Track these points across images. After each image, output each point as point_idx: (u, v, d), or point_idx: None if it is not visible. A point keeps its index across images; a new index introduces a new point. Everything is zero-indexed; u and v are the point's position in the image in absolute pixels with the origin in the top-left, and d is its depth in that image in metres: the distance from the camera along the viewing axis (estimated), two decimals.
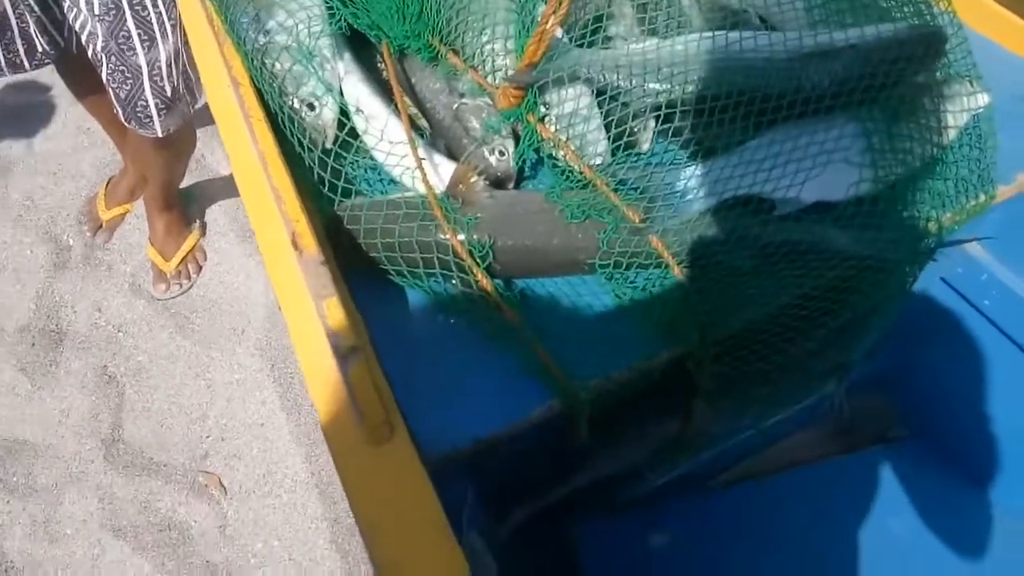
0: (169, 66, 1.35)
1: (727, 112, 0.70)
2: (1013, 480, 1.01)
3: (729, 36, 0.73)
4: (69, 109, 2.33)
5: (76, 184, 2.09)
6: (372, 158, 0.75)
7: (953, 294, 1.01)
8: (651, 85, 0.73)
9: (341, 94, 0.74)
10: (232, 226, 1.97)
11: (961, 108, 0.76)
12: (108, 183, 2.03)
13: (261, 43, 0.72)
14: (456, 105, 0.76)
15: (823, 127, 0.70)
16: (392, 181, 0.75)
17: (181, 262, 1.87)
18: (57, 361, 1.73)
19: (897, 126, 0.72)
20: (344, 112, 0.72)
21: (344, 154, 0.72)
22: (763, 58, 0.72)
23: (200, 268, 1.90)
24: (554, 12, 0.65)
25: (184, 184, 1.94)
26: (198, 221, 1.95)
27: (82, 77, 1.59)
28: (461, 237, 0.66)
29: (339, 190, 0.69)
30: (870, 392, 1.09)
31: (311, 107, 0.71)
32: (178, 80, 1.38)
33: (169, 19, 1.31)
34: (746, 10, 0.80)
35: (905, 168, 0.72)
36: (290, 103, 0.71)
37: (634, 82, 0.73)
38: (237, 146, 0.69)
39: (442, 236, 0.67)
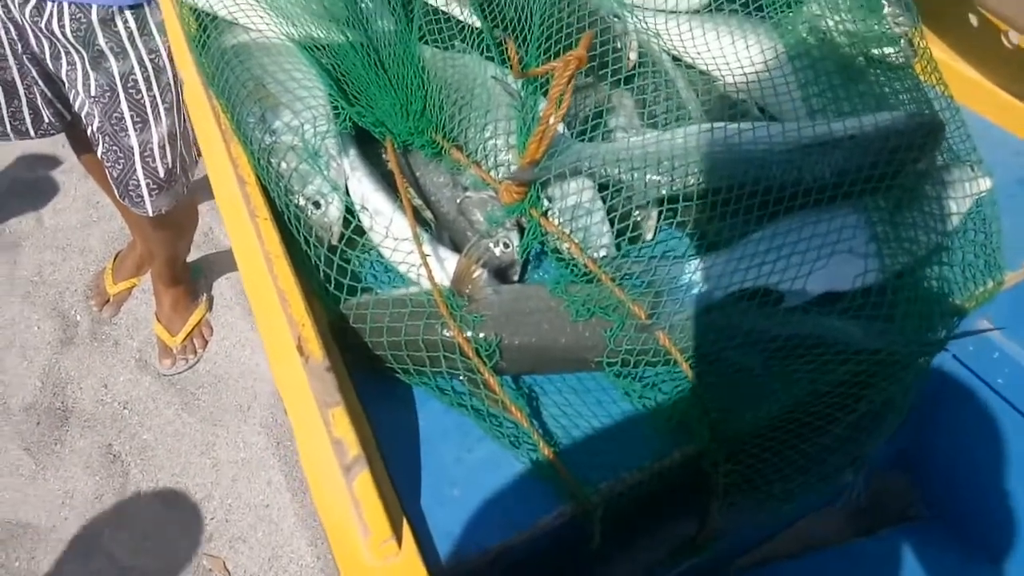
0: (162, 148, 1.38)
1: (729, 204, 0.71)
2: None
3: (729, 128, 0.74)
4: (79, 183, 2.37)
5: (84, 259, 2.11)
6: (378, 254, 0.75)
7: (966, 371, 1.00)
8: (652, 178, 0.74)
9: (347, 191, 0.74)
10: (239, 299, 1.98)
11: (964, 193, 0.76)
12: (116, 257, 2.05)
13: (268, 143, 0.73)
14: (460, 199, 0.77)
15: (827, 217, 0.70)
16: (398, 276, 0.75)
17: (187, 337, 1.87)
18: (62, 440, 1.71)
19: (901, 214, 0.73)
20: (349, 209, 0.73)
21: (350, 251, 0.72)
22: (763, 149, 0.73)
23: (206, 343, 1.90)
24: (554, 111, 0.66)
25: (191, 257, 1.96)
26: (204, 295, 1.96)
27: (90, 149, 1.62)
28: (468, 334, 0.66)
29: (345, 288, 0.69)
30: (887, 471, 1.06)
31: (317, 205, 0.72)
32: (172, 161, 1.41)
33: (163, 102, 1.34)
34: (744, 100, 0.81)
35: (911, 256, 0.71)
36: (296, 201, 0.72)
37: (636, 175, 0.74)
38: (243, 245, 0.70)
39: (448, 334, 0.66)
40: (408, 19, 0.87)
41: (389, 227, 0.72)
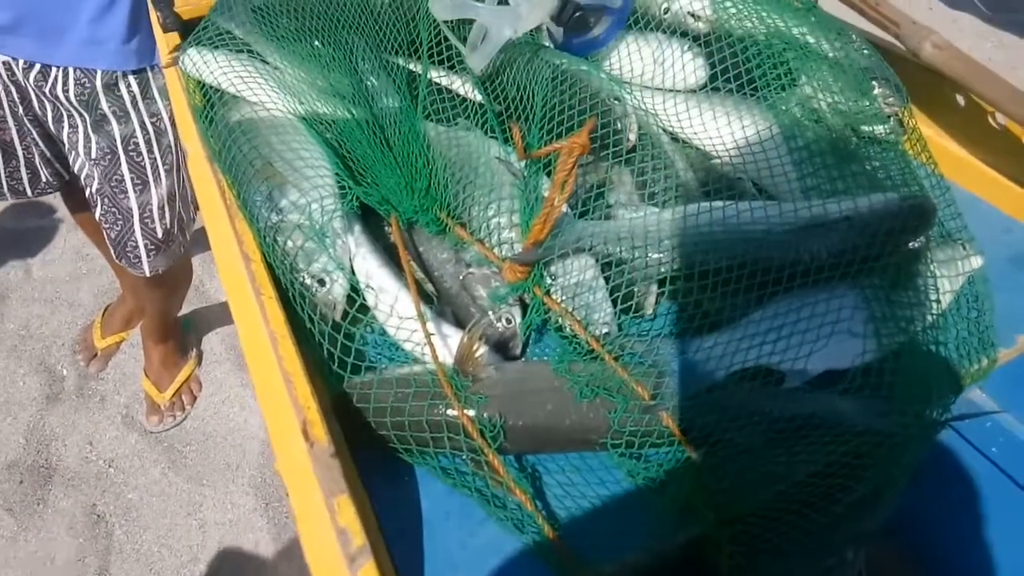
0: (161, 208, 1.38)
1: (729, 284, 0.72)
2: None
3: (727, 208, 0.75)
4: (69, 234, 2.36)
5: (73, 313, 2.09)
6: (382, 331, 0.75)
7: (960, 440, 1.00)
8: (653, 256, 0.75)
9: (352, 269, 0.75)
10: (228, 354, 1.97)
11: (956, 272, 0.77)
12: (105, 311, 2.04)
13: (274, 221, 0.74)
14: (463, 275, 0.77)
15: (824, 296, 0.71)
16: (402, 353, 0.75)
17: (175, 393, 1.85)
18: (45, 499, 1.68)
19: (896, 293, 0.74)
20: (354, 287, 0.73)
21: (354, 329, 0.73)
22: (761, 230, 0.74)
23: (195, 399, 1.88)
24: (558, 195, 0.67)
25: (181, 311, 1.95)
26: (194, 350, 1.95)
27: (85, 208, 1.62)
28: (471, 414, 0.66)
29: (349, 366, 0.69)
30: (883, 540, 1.06)
31: (322, 283, 0.73)
32: (171, 222, 1.41)
33: (164, 164, 1.35)
34: (740, 177, 0.83)
35: (907, 335, 0.73)
36: (301, 279, 0.72)
37: (636, 253, 0.75)
38: (248, 323, 0.70)
39: (452, 414, 0.66)
40: (412, 96, 0.89)
41: (393, 305, 0.73)
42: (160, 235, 1.42)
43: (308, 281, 0.72)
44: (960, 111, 0.89)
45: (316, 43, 0.88)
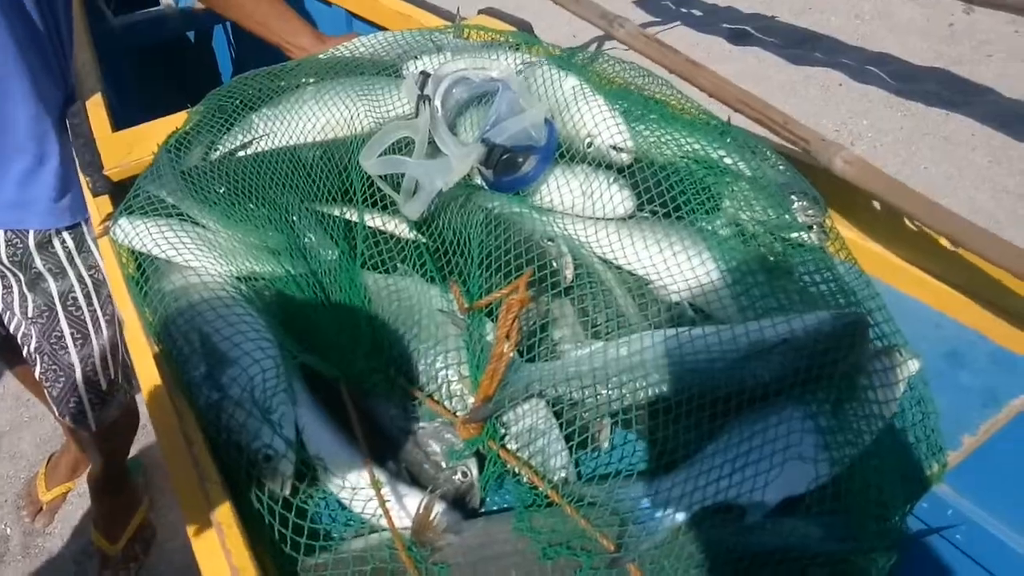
0: (104, 360, 1.35)
1: (680, 414, 0.73)
2: None
3: (668, 338, 0.77)
4: (7, 381, 2.27)
5: (15, 465, 2.00)
6: (336, 503, 0.73)
7: (924, 527, 1.01)
8: (602, 392, 0.75)
9: (299, 441, 0.73)
10: None
11: (896, 379, 0.79)
12: (48, 461, 1.95)
13: (215, 398, 0.72)
14: (415, 430, 0.76)
15: (774, 421, 0.72)
16: (359, 523, 0.73)
17: (128, 543, 1.76)
18: None
19: (841, 408, 0.75)
20: (303, 459, 0.72)
21: (306, 505, 0.71)
22: (704, 359, 0.76)
23: (149, 547, 1.79)
24: (503, 350, 0.68)
25: (131, 453, 1.88)
26: (145, 495, 1.87)
27: (23, 363, 1.57)
28: None
29: (302, 547, 0.67)
30: None
31: (268, 459, 0.71)
32: (115, 372, 1.38)
33: (104, 315, 1.32)
34: (678, 303, 0.85)
35: (857, 449, 0.74)
36: (246, 456, 0.70)
37: (586, 392, 0.75)
38: (193, 511, 0.67)
39: None
40: (351, 245, 0.90)
41: (345, 474, 0.71)
42: (104, 387, 1.38)
43: (253, 458, 0.70)
44: (878, 214, 0.93)
45: (249, 204, 0.89)
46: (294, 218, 0.90)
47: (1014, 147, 2.96)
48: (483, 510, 0.76)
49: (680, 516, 0.68)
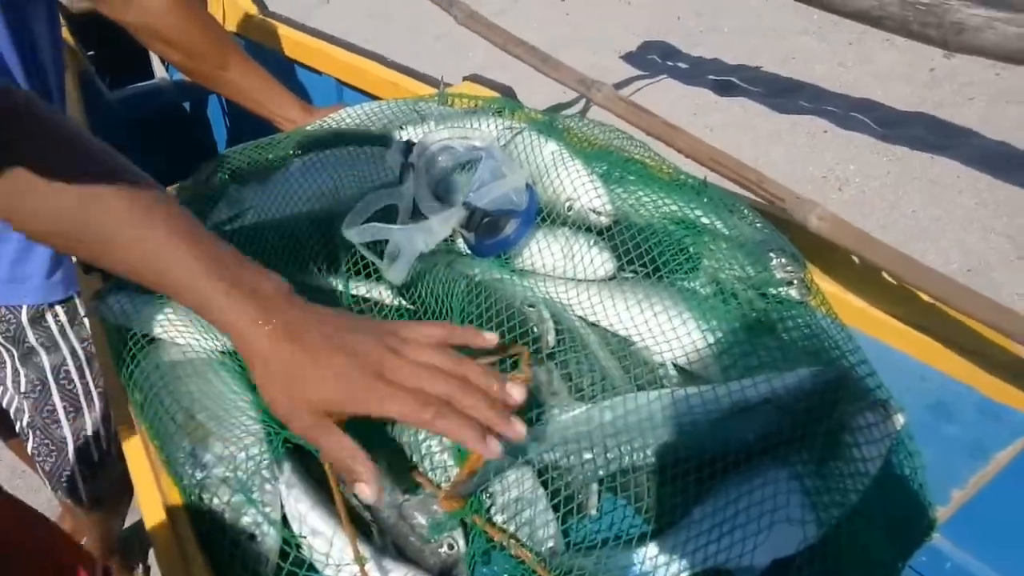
0: (96, 432, 1.35)
1: (666, 479, 0.73)
2: None
3: (652, 402, 0.77)
4: (3, 452, 2.26)
5: None
6: None
7: None
8: (587, 457, 0.76)
9: (284, 517, 0.73)
10: None
11: (882, 435, 0.79)
12: None
13: (199, 478, 0.72)
14: (400, 503, 0.76)
15: (759, 483, 0.72)
16: None
17: None
18: None
19: (827, 467, 0.75)
20: (287, 539, 0.71)
21: None
22: (688, 421, 0.76)
23: None
24: None
25: (126, 523, 1.85)
26: (140, 566, 1.84)
27: (14, 434, 1.57)
28: None
29: None
30: None
31: (252, 537, 0.70)
32: (107, 444, 1.38)
33: (96, 387, 1.33)
34: (661, 364, 0.85)
35: (844, 508, 0.73)
36: (231, 535, 0.70)
37: (571, 459, 0.75)
38: None
39: None
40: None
41: (329, 552, 0.70)
42: (97, 459, 1.37)
43: (237, 537, 0.70)
44: (858, 269, 0.94)
45: None
46: None
47: (1000, 188, 3.00)
48: None
49: None
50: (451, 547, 0.74)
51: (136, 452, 0.79)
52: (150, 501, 0.76)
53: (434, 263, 0.92)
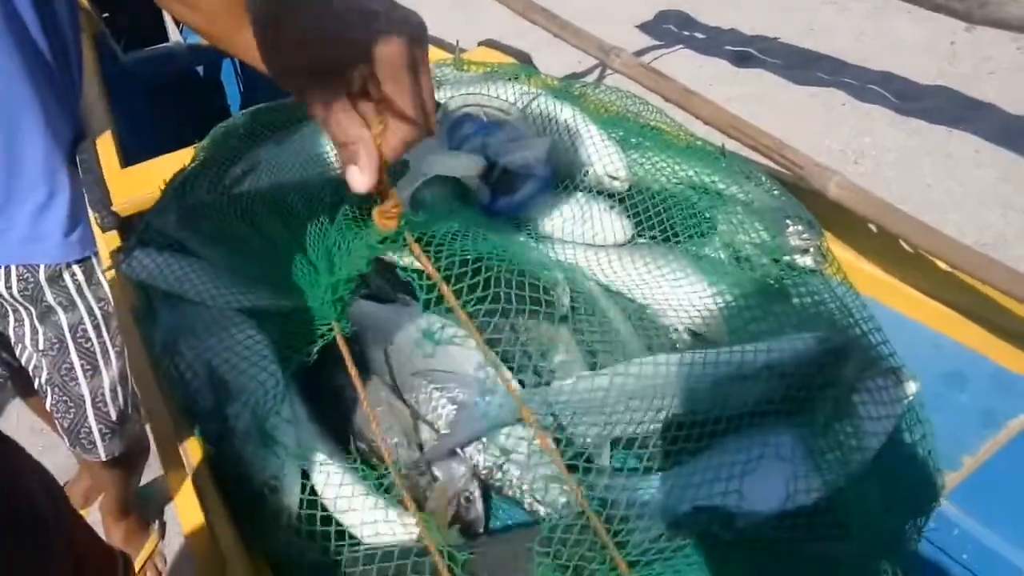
0: (113, 391, 1.37)
1: (671, 437, 0.74)
2: None
3: (659, 366, 0.77)
4: (21, 411, 2.30)
5: None
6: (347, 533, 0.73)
7: (932, 547, 1.01)
8: (599, 418, 0.76)
9: (305, 473, 0.74)
10: None
11: (891, 400, 0.79)
12: (63, 488, 1.96)
13: (222, 430, 0.74)
14: (416, 457, 0.78)
15: (759, 438, 0.73)
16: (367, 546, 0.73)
17: (139, 572, 1.77)
18: None
19: (832, 428, 0.76)
20: (309, 488, 0.72)
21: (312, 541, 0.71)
22: (700, 384, 0.76)
23: (160, 573, 1.80)
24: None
25: (142, 481, 1.89)
26: (156, 522, 1.88)
27: (34, 394, 1.59)
28: None
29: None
30: None
31: (273, 489, 0.72)
32: (124, 402, 1.40)
33: (114, 346, 1.34)
34: (676, 328, 0.86)
35: (851, 468, 0.74)
36: (253, 487, 0.72)
37: (586, 419, 0.76)
38: (199, 546, 0.69)
39: None
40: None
41: (351, 499, 0.72)
42: (115, 417, 1.40)
43: (259, 489, 0.71)
44: (874, 237, 0.94)
45: (255, 238, 0.91)
46: (298, 251, 0.91)
47: (1022, 164, 2.96)
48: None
49: (682, 507, 0.69)
50: (468, 499, 0.75)
51: (156, 408, 0.80)
52: (170, 456, 0.77)
53: (449, 227, 0.93)
